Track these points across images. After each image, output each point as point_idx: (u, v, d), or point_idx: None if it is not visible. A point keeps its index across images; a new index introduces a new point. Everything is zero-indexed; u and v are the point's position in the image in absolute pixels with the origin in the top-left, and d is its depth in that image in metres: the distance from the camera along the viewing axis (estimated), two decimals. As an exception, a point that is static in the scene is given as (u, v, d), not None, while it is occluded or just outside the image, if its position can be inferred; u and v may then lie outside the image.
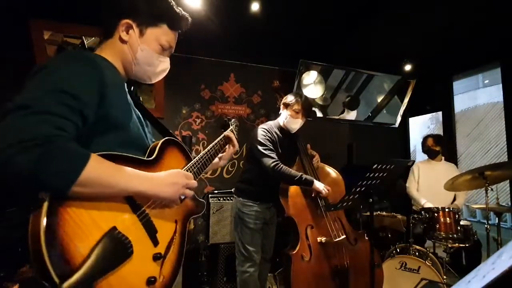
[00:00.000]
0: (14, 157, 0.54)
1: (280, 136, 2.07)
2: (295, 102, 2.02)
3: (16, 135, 0.55)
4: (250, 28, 2.84)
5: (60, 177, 0.59)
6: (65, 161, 0.60)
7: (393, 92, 3.74)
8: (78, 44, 2.71)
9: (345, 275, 1.87)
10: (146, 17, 0.86)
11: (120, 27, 0.84)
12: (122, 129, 0.80)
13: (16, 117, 0.58)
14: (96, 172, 0.63)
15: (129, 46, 0.86)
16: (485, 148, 4.28)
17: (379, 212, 2.97)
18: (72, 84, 0.66)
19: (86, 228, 0.64)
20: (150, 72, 0.92)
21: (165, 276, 0.80)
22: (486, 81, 4.72)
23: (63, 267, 0.58)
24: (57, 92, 0.63)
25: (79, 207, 0.64)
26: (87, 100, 0.68)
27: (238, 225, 2.05)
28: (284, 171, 1.89)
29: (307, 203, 1.97)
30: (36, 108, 0.59)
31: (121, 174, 0.69)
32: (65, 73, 0.68)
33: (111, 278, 0.65)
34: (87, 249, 0.62)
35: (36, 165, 0.55)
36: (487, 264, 0.41)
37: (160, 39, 0.89)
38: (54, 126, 0.60)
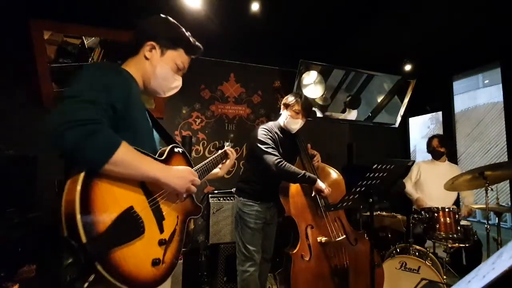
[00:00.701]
0: (66, 132, 0.70)
1: (281, 136, 2.07)
2: (295, 102, 2.02)
3: (69, 116, 0.72)
4: (250, 28, 2.84)
5: (97, 154, 0.74)
6: (103, 142, 0.75)
7: (393, 92, 3.74)
8: (78, 44, 2.71)
9: (345, 275, 1.88)
10: (167, 41, 1.06)
11: (145, 47, 1.03)
12: (140, 129, 0.96)
13: (70, 103, 0.75)
14: (126, 155, 0.78)
15: (151, 62, 1.04)
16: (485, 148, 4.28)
17: (379, 212, 2.97)
18: (110, 83, 0.85)
19: (110, 202, 0.76)
20: (165, 86, 1.09)
21: (166, 262, 0.89)
22: (486, 81, 4.71)
23: (90, 230, 0.69)
24: (99, 88, 0.81)
25: (107, 184, 0.77)
26: (118, 97, 0.85)
27: (239, 225, 2.05)
28: (288, 168, 1.88)
29: (307, 203, 1.97)
30: (84, 98, 0.76)
31: (144, 160, 0.84)
32: (105, 75, 0.87)
33: (124, 251, 0.76)
34: (109, 220, 0.74)
35: (81, 141, 0.71)
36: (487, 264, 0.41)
37: (176, 60, 1.08)
38: (95, 113, 0.76)
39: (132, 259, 0.77)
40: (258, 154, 1.94)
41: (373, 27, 2.85)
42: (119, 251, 0.74)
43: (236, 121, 3.37)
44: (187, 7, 2.41)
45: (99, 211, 0.72)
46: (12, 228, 2.02)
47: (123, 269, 0.74)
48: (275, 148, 1.97)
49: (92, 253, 0.68)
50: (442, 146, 2.90)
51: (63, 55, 2.67)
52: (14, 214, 2.08)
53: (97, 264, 0.68)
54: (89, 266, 0.68)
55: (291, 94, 2.10)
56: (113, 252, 0.73)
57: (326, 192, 1.91)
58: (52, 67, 2.64)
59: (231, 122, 3.35)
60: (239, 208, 2.07)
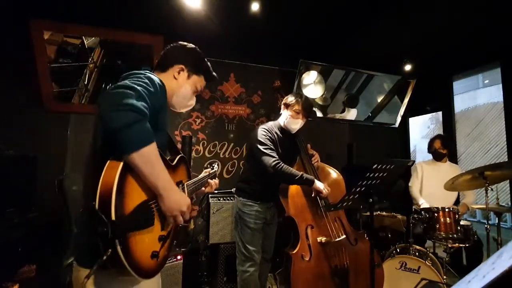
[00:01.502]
0: (121, 112, 0.81)
1: (281, 136, 2.08)
2: (295, 102, 2.02)
3: (128, 100, 0.83)
4: (250, 28, 2.84)
5: (134, 140, 0.83)
6: (143, 132, 0.85)
7: (393, 92, 3.74)
8: (78, 44, 2.71)
9: (345, 275, 1.88)
10: (194, 68, 1.24)
11: (175, 68, 1.19)
12: (161, 135, 1.05)
13: (126, 92, 0.86)
14: (151, 153, 0.87)
15: (177, 82, 1.20)
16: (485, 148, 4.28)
17: (379, 212, 2.97)
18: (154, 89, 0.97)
19: (136, 192, 0.87)
20: (182, 103, 1.25)
21: (160, 257, 0.95)
22: (486, 81, 4.72)
23: (119, 210, 0.78)
24: (146, 89, 0.92)
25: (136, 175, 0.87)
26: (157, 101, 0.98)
27: (239, 225, 2.05)
28: (285, 170, 1.89)
29: (307, 203, 1.97)
30: (137, 92, 0.88)
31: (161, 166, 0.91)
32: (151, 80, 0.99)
33: (136, 237, 0.85)
34: (132, 206, 0.84)
35: (128, 124, 0.81)
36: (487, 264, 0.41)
37: (197, 84, 1.27)
38: (143, 106, 0.86)
39: (139, 246, 0.85)
40: (257, 155, 1.95)
41: (373, 27, 2.85)
42: (133, 237, 0.83)
43: (236, 121, 3.37)
44: (187, 7, 2.41)
45: (127, 196, 0.83)
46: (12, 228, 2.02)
47: (132, 254, 0.82)
48: (274, 149, 1.97)
49: (117, 230, 0.76)
50: (445, 148, 2.87)
51: (63, 55, 2.68)
52: (14, 214, 2.08)
53: (117, 243, 0.76)
54: (111, 242, 0.76)
55: (292, 94, 2.10)
56: (129, 236, 0.81)
57: (325, 192, 1.91)
58: (52, 67, 2.64)
59: (231, 122, 3.35)
60: (238, 208, 2.07)
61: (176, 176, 1.15)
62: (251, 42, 3.19)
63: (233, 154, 3.32)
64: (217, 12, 2.53)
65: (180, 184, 1.16)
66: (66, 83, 2.73)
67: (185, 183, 1.20)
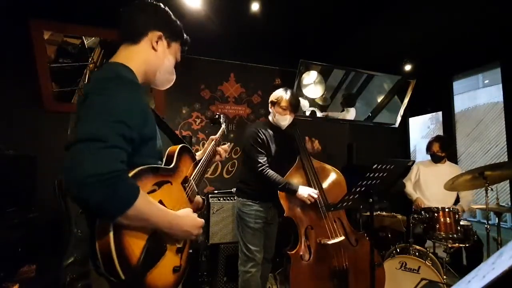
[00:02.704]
0: (91, 188, 0.66)
1: (272, 133, 2.09)
2: (281, 99, 2.04)
3: (93, 168, 0.67)
4: (250, 28, 2.84)
5: (115, 209, 0.71)
6: (123, 195, 0.71)
7: (393, 92, 3.74)
8: (78, 44, 2.71)
9: (345, 276, 1.87)
10: (171, 33, 0.99)
11: (151, 37, 0.94)
12: (151, 141, 0.92)
13: (94, 149, 0.69)
14: (141, 207, 0.75)
15: (157, 55, 0.96)
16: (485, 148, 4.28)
17: (379, 212, 2.96)
18: (128, 114, 0.77)
19: (136, 237, 0.78)
20: (168, 80, 1.05)
21: (182, 265, 0.96)
22: (486, 81, 4.72)
23: (127, 266, 0.73)
24: (118, 123, 0.74)
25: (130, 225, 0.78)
26: (137, 127, 0.81)
27: (239, 225, 2.06)
28: (270, 176, 1.93)
29: (307, 203, 1.97)
30: (106, 143, 0.70)
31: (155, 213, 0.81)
32: (121, 100, 0.78)
33: (154, 272, 0.82)
34: (138, 250, 0.78)
35: (105, 197, 0.67)
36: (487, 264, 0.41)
37: (177, 53, 1.04)
38: (119, 161, 0.72)
39: (159, 275, 0.84)
40: (248, 158, 2.02)
41: (373, 27, 2.85)
42: (150, 274, 0.80)
43: (236, 121, 3.37)
44: (187, 7, 2.41)
45: (130, 246, 0.76)
46: (12, 228, 2.02)
47: (154, 286, 0.81)
48: (263, 152, 2.00)
49: (131, 284, 0.75)
50: (443, 151, 2.85)
51: (63, 55, 2.68)
52: (14, 214, 2.08)
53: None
54: None
55: (277, 91, 2.12)
56: (147, 276, 0.79)
57: (308, 202, 1.90)
58: (52, 67, 2.64)
59: (231, 122, 3.35)
60: (238, 209, 2.08)
61: (180, 176, 1.06)
62: (251, 42, 3.19)
63: (233, 154, 3.32)
64: (217, 12, 2.53)
65: (185, 184, 1.07)
66: (66, 83, 2.73)
67: (191, 177, 1.11)
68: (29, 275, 2.05)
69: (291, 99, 2.03)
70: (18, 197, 2.21)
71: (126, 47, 0.95)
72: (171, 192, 0.96)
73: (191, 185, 1.10)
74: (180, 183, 1.05)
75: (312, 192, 1.90)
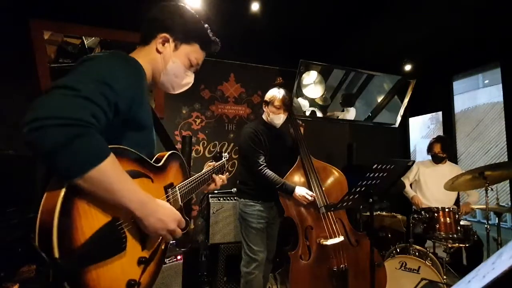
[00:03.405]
0: (48, 129, 0.57)
1: (266, 131, 2.11)
2: (274, 98, 2.07)
3: (58, 111, 0.59)
4: (250, 28, 2.84)
5: (74, 164, 0.61)
6: (86, 150, 0.61)
7: (393, 92, 3.74)
8: (78, 44, 2.71)
9: (344, 276, 1.87)
10: (182, 35, 0.96)
11: (158, 39, 0.94)
12: (144, 130, 0.86)
13: (62, 95, 0.62)
14: (107, 173, 0.65)
15: (163, 56, 0.95)
16: (485, 148, 4.28)
17: (379, 212, 2.97)
18: (115, 79, 0.71)
19: (92, 215, 0.65)
20: (175, 83, 1.01)
21: (142, 284, 0.77)
22: (486, 81, 4.71)
23: (67, 244, 0.59)
24: (100, 82, 0.67)
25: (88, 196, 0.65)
26: (124, 96, 0.73)
27: (243, 226, 2.06)
28: (268, 177, 1.94)
29: (307, 203, 1.97)
30: (81, 93, 0.63)
31: (126, 186, 0.69)
32: (111, 67, 0.73)
33: (99, 270, 0.65)
34: (89, 232, 0.63)
35: (61, 144, 0.58)
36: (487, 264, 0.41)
37: (190, 56, 1.00)
38: (91, 114, 0.63)
39: (106, 280, 0.66)
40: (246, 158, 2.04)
41: (373, 27, 2.85)
42: (93, 270, 0.64)
43: (236, 121, 3.37)
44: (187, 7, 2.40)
45: (80, 223, 0.62)
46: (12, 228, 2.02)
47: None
48: (261, 151, 2.01)
49: (63, 271, 0.58)
50: (444, 152, 2.84)
51: (63, 55, 2.67)
52: (14, 214, 2.08)
53: (65, 285, 0.59)
54: (57, 284, 0.59)
55: (270, 90, 2.14)
56: (87, 270, 0.63)
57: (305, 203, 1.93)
58: (52, 67, 2.64)
59: (231, 122, 3.35)
60: (241, 210, 2.09)
61: (165, 179, 0.94)
62: (251, 42, 3.19)
63: (233, 154, 3.32)
64: (217, 12, 2.53)
65: (169, 189, 0.94)
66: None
67: (177, 185, 1.00)
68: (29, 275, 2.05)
69: (284, 98, 2.06)
70: (18, 197, 2.21)
71: (139, 48, 0.96)
72: (148, 189, 0.81)
73: (175, 194, 0.97)
74: (163, 186, 0.93)
75: (306, 193, 1.91)
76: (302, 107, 3.47)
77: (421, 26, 2.77)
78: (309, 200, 1.91)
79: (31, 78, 2.59)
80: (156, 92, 2.94)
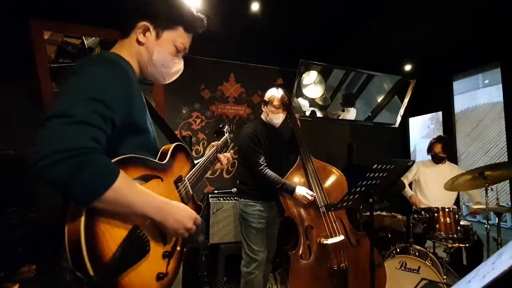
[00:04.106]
0: (55, 165, 0.60)
1: (266, 131, 2.12)
2: (273, 98, 2.08)
3: (60, 143, 0.61)
4: (250, 28, 2.84)
5: (88, 191, 0.64)
6: (96, 176, 0.64)
7: (393, 92, 3.74)
8: (78, 44, 2.71)
9: (344, 276, 1.87)
10: (163, 20, 0.89)
11: (137, 29, 0.88)
12: (142, 133, 0.86)
13: (59, 125, 0.63)
14: (120, 190, 0.67)
15: (146, 48, 0.89)
16: (485, 148, 4.27)
17: (379, 212, 2.97)
18: (106, 93, 0.70)
19: (113, 229, 0.70)
20: (165, 73, 0.96)
21: (169, 273, 0.86)
22: (486, 81, 4.71)
23: (96, 261, 0.65)
24: (93, 101, 0.67)
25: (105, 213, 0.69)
26: (118, 108, 0.73)
27: (243, 226, 2.07)
28: (269, 177, 1.95)
29: (307, 203, 1.97)
30: (76, 118, 0.63)
31: (139, 196, 0.73)
32: (99, 80, 0.72)
33: (130, 274, 0.72)
34: (114, 245, 0.69)
35: (72, 176, 0.61)
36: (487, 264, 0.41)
37: (175, 42, 0.93)
38: (91, 138, 0.64)
39: (138, 280, 0.74)
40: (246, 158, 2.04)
41: (373, 27, 2.85)
42: (126, 276, 0.71)
43: (236, 121, 3.37)
44: (187, 7, 2.41)
45: (105, 239, 0.68)
46: (12, 228, 2.02)
47: None
48: (261, 151, 2.02)
49: (100, 283, 0.66)
50: (445, 152, 2.85)
51: (63, 55, 2.67)
52: (14, 214, 2.08)
53: None
54: None
55: (269, 90, 2.15)
56: (119, 279, 0.70)
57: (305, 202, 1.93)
58: (52, 67, 2.64)
59: (231, 122, 3.35)
60: (241, 210, 2.09)
61: (173, 174, 0.97)
62: (251, 42, 3.19)
63: (233, 154, 3.32)
64: (217, 12, 2.53)
65: (179, 182, 0.98)
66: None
67: (186, 177, 1.03)
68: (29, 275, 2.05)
69: (283, 98, 2.08)
70: (18, 197, 2.20)
71: (120, 41, 0.91)
72: (160, 188, 0.87)
73: (185, 185, 1.01)
74: (173, 182, 0.96)
75: (306, 193, 1.91)
76: (302, 107, 3.47)
77: (421, 26, 2.77)
78: (310, 200, 1.91)
79: (31, 78, 2.59)
80: (156, 92, 2.94)
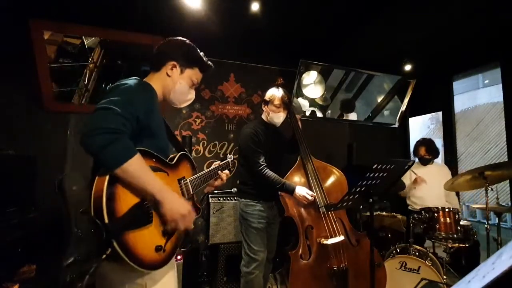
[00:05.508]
0: (96, 137, 0.87)
1: (266, 131, 2.12)
2: (274, 97, 2.08)
3: (102, 124, 0.89)
4: (250, 28, 2.84)
5: (113, 159, 0.89)
6: (121, 150, 0.90)
7: (393, 92, 3.74)
8: (78, 44, 2.71)
9: (344, 276, 1.87)
10: (186, 62, 1.24)
11: (167, 66, 1.21)
12: (157, 138, 1.12)
13: (103, 114, 0.92)
14: (135, 166, 0.92)
15: (172, 79, 1.22)
16: (485, 148, 4.27)
17: (379, 212, 2.97)
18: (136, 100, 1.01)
19: (127, 196, 0.93)
20: (181, 99, 1.29)
21: (166, 250, 1.03)
22: (486, 81, 4.71)
23: (112, 214, 0.87)
24: (127, 103, 0.97)
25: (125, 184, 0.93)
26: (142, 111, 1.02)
27: (243, 226, 2.06)
28: (269, 177, 1.95)
29: (307, 203, 1.97)
30: (115, 111, 0.92)
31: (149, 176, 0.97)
32: (133, 92, 1.03)
33: (135, 234, 0.93)
34: (126, 208, 0.92)
35: (105, 146, 0.87)
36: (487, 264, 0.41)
37: (192, 77, 1.27)
38: (122, 124, 0.93)
39: (140, 243, 0.93)
40: (246, 158, 2.04)
41: (373, 27, 2.85)
42: (131, 234, 0.91)
43: (236, 121, 3.37)
44: (187, 7, 2.41)
45: (120, 201, 0.90)
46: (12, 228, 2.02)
47: (133, 249, 0.90)
48: (260, 151, 2.02)
49: (111, 231, 0.85)
50: (429, 154, 2.95)
51: (63, 55, 2.67)
52: (14, 214, 2.08)
53: (113, 241, 0.85)
54: (108, 242, 0.85)
55: (269, 90, 2.15)
56: (126, 234, 0.89)
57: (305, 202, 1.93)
58: (52, 67, 2.64)
59: (231, 122, 3.35)
60: (241, 210, 2.09)
61: (178, 173, 1.19)
62: (251, 42, 3.19)
63: (233, 154, 3.32)
64: (217, 12, 2.53)
65: (181, 180, 1.19)
66: (66, 83, 2.73)
67: (188, 178, 1.23)
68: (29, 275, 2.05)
69: (283, 97, 2.08)
70: (18, 197, 2.21)
71: (152, 73, 1.23)
72: (165, 181, 1.07)
73: (187, 184, 1.22)
74: (177, 179, 1.18)
75: (306, 193, 1.91)
76: (302, 107, 3.47)
77: (421, 26, 2.77)
78: (310, 200, 1.91)
79: (31, 78, 2.59)
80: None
